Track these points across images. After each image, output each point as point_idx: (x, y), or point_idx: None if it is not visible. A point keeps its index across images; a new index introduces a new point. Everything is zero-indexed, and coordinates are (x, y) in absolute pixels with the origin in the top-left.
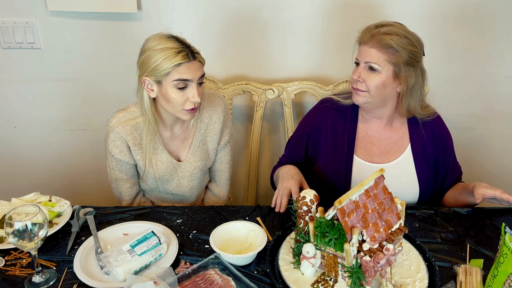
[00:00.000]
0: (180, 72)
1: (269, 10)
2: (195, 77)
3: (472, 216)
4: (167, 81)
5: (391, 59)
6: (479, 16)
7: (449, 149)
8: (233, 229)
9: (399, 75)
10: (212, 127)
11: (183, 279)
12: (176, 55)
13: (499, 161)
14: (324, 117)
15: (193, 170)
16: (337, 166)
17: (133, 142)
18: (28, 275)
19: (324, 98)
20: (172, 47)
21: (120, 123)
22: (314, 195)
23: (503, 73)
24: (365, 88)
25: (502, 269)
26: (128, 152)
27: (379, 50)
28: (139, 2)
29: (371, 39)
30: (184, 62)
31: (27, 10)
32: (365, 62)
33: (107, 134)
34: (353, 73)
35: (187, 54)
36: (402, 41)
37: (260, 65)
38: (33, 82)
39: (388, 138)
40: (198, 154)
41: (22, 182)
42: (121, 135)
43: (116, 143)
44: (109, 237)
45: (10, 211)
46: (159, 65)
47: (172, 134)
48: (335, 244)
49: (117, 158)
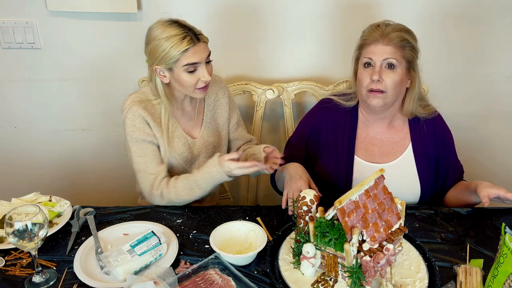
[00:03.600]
0: (188, 56)
1: (269, 10)
2: (202, 58)
3: (472, 216)
4: (177, 66)
5: (405, 55)
6: (479, 16)
7: (450, 148)
8: (233, 229)
9: (410, 71)
10: (220, 102)
11: (183, 279)
12: (181, 42)
13: (500, 161)
14: (324, 117)
15: (207, 146)
16: (338, 167)
17: (152, 119)
18: (28, 275)
19: (324, 98)
20: (177, 33)
21: (135, 102)
22: (314, 195)
23: (503, 73)
24: (384, 88)
25: (502, 269)
26: (149, 129)
27: (395, 46)
28: (139, 2)
29: (384, 37)
30: (191, 47)
31: (27, 10)
32: (384, 60)
33: (124, 119)
34: (365, 75)
35: (191, 38)
36: (411, 36)
37: (260, 65)
38: (33, 82)
39: (389, 139)
40: (210, 129)
41: (22, 182)
42: (139, 113)
43: (135, 122)
44: (109, 237)
45: (10, 211)
46: (168, 54)
47: (182, 111)
48: (335, 244)
49: (140, 139)
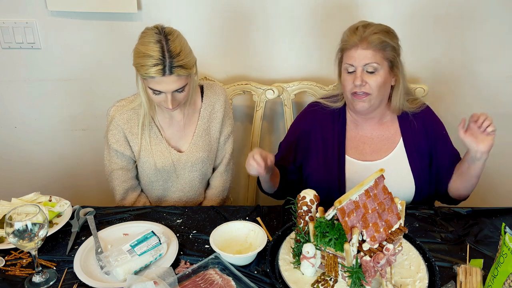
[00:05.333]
0: (153, 83)
1: (269, 10)
2: (168, 89)
3: (472, 216)
4: (145, 82)
5: (386, 55)
6: (479, 16)
7: (444, 139)
8: (233, 229)
9: (393, 69)
10: (215, 115)
11: (183, 279)
12: (151, 67)
13: (500, 160)
14: (313, 120)
15: (195, 161)
16: (330, 168)
17: (130, 131)
18: (28, 275)
19: (312, 102)
20: (152, 56)
21: (118, 110)
22: (314, 195)
23: (503, 73)
24: (369, 91)
25: (502, 269)
26: (124, 143)
27: (375, 50)
28: (139, 2)
29: (362, 41)
30: (157, 77)
31: (27, 10)
32: (364, 65)
33: (107, 124)
34: (348, 81)
35: (163, 68)
36: (390, 35)
37: (260, 65)
38: (33, 82)
39: (380, 136)
40: (200, 144)
41: (22, 182)
42: (118, 124)
43: (113, 133)
44: (109, 237)
45: (10, 211)
46: (138, 69)
47: (171, 119)
48: (335, 244)
49: (113, 148)
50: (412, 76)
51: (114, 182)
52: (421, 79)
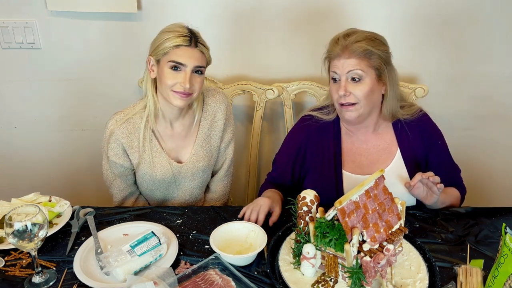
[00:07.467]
0: (177, 54)
1: (269, 10)
2: (189, 63)
3: (472, 216)
4: (164, 60)
5: (372, 63)
6: (479, 16)
7: (439, 150)
8: (233, 230)
9: (382, 77)
10: (216, 124)
11: (183, 279)
12: (177, 38)
13: (500, 161)
14: (307, 135)
15: (195, 171)
16: (327, 183)
17: (130, 145)
18: (28, 276)
19: (304, 115)
20: (178, 31)
21: (117, 124)
22: (314, 195)
23: (503, 73)
24: (354, 100)
25: (503, 270)
26: (123, 156)
27: (358, 58)
28: (139, 2)
29: (345, 51)
30: (183, 45)
31: (27, 10)
32: (347, 73)
33: (105, 136)
34: (334, 91)
35: (189, 39)
36: (375, 43)
37: (260, 65)
38: (33, 82)
39: (375, 146)
40: (201, 154)
41: (22, 182)
42: (118, 138)
43: (112, 146)
44: (109, 238)
45: (10, 211)
46: (161, 44)
47: (172, 131)
48: (335, 245)
49: (112, 160)
50: (412, 76)
51: (113, 189)
52: (421, 79)
